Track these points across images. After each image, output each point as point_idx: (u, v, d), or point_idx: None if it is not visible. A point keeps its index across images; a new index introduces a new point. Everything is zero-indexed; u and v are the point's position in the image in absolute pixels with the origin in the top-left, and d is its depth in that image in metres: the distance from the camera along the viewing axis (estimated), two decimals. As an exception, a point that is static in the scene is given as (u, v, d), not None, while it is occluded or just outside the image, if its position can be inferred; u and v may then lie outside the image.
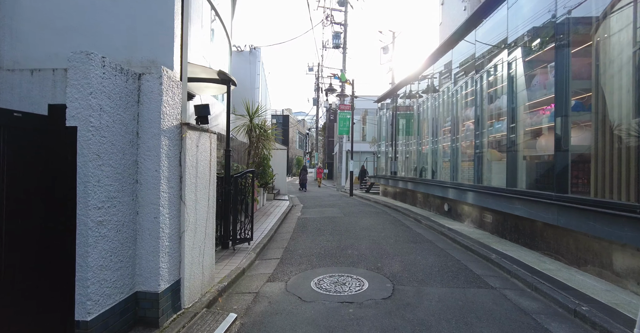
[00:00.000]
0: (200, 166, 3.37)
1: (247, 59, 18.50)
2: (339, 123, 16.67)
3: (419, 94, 11.26)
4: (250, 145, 8.95)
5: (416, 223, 8.38)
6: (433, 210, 9.73)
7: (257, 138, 9.21)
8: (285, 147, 15.68)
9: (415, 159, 11.31)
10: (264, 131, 9.23)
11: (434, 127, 9.81)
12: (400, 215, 9.70)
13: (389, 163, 14.39)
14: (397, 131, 13.76)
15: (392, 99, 14.37)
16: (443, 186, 8.58)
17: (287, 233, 7.01)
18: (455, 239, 6.29)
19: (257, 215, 8.93)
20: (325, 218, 9.00)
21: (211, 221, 3.67)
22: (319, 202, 13.07)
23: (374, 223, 8.22)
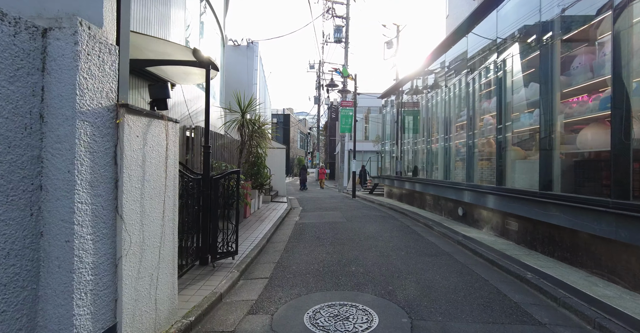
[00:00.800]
0: (149, 166, 2.48)
1: (244, 54, 17.63)
2: (341, 121, 15.76)
3: (427, 88, 10.35)
4: (242, 143, 8.06)
5: (427, 230, 7.47)
6: (445, 214, 8.81)
7: (251, 135, 8.32)
8: (284, 146, 14.80)
9: (424, 158, 10.40)
10: (257, 127, 8.34)
11: (445, 123, 8.89)
12: (408, 220, 8.79)
13: (394, 163, 13.49)
14: (402, 129, 12.85)
15: (397, 95, 13.47)
16: (457, 188, 7.66)
17: (281, 243, 6.11)
18: (476, 251, 5.38)
19: (250, 220, 8.05)
20: (326, 223, 8.10)
21: (170, 238, 2.78)
22: (319, 204, 12.18)
23: (380, 230, 7.32)
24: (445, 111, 8.93)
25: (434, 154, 9.68)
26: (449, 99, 8.68)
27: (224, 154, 8.28)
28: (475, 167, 7.21)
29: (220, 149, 7.95)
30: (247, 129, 8.06)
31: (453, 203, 8.30)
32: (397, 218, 9.00)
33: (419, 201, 10.68)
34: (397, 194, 12.92)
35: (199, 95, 7.38)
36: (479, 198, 6.69)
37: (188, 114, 6.58)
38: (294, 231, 7.22)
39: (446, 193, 8.32)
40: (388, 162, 14.35)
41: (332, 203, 12.80)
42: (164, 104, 2.82)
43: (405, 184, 11.46)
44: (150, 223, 2.48)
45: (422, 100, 10.86)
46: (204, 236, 4.45)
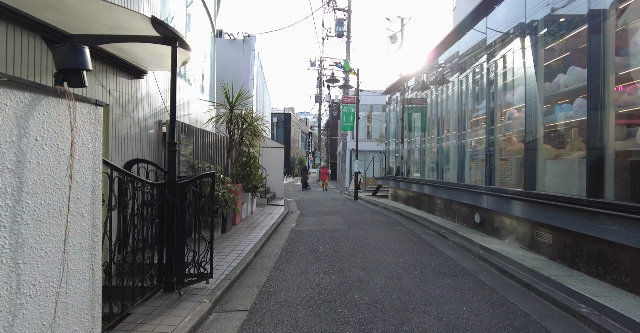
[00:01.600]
0: (35, 169, 1.57)
1: (240, 48, 16.74)
2: (343, 118, 14.84)
3: (436, 81, 9.41)
4: (231, 141, 7.16)
5: (441, 240, 6.54)
6: (458, 221, 7.88)
7: (241, 133, 7.42)
8: (282, 145, 13.91)
9: (433, 158, 9.47)
10: (249, 123, 7.44)
11: (458, 119, 7.96)
12: (417, 227, 7.86)
13: (399, 163, 12.56)
14: (408, 127, 11.92)
15: (402, 91, 12.53)
16: (474, 192, 6.73)
17: (272, 257, 5.21)
18: (504, 269, 4.46)
19: (239, 228, 7.15)
20: (325, 231, 7.19)
21: (82, 277, 1.88)
22: (318, 208, 11.27)
23: (386, 239, 6.40)
24: (458, 106, 8.00)
25: (445, 154, 8.75)
26: (463, 92, 7.75)
27: (211, 153, 7.39)
28: (496, 168, 6.28)
29: (206, 148, 7.05)
30: (236, 125, 7.15)
31: (468, 208, 7.37)
32: (405, 225, 8.07)
33: (428, 205, 9.75)
34: (403, 196, 11.99)
35: (180, 86, 6.48)
36: (502, 203, 5.77)
37: (164, 107, 5.69)
38: (289, 241, 6.32)
39: (460, 197, 7.39)
40: (393, 162, 13.43)
41: (332, 206, 11.89)
42: (78, 79, 1.91)
43: (412, 186, 10.53)
44: (35, 260, 1.57)
45: (431, 95, 9.93)
46: (168, 255, 3.55)
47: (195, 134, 6.50)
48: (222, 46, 16.78)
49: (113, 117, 4.42)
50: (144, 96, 5.18)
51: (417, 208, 10.59)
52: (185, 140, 5.99)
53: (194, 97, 7.10)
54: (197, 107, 7.20)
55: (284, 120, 45.02)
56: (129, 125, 4.81)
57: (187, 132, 6.15)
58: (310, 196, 15.91)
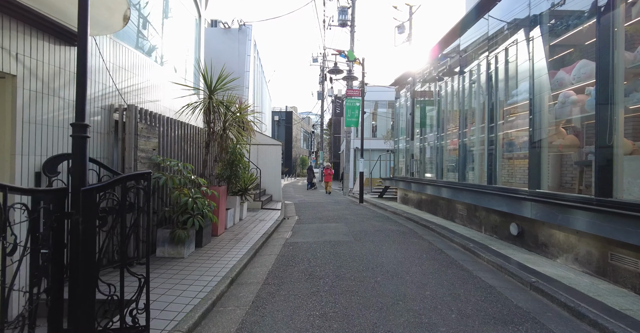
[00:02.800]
0: None
1: (235, 38, 15.46)
2: (346, 113, 13.51)
3: (457, 66, 8.05)
4: (210, 134, 5.85)
5: (471, 258, 5.20)
6: (486, 231, 6.53)
7: (223, 125, 6.12)
8: (279, 142, 12.61)
9: (454, 156, 8.12)
10: (233, 113, 6.13)
11: (487, 109, 6.61)
12: (437, 239, 6.52)
13: (410, 163, 11.21)
14: (421, 122, 10.57)
15: (413, 83, 11.19)
16: (511, 197, 5.38)
17: (252, 286, 3.90)
18: (579, 310, 3.12)
19: (221, 240, 5.85)
20: (325, 244, 5.87)
21: None
22: (319, 212, 9.95)
23: (403, 258, 5.07)
24: (486, 93, 6.64)
25: (468, 151, 7.40)
26: (492, 77, 6.40)
27: (188, 150, 6.09)
28: (543, 167, 4.94)
29: (180, 143, 5.76)
30: (217, 114, 5.85)
31: (500, 216, 6.02)
32: (422, 236, 6.73)
33: (446, 211, 8.41)
34: (415, 200, 10.64)
35: (143, 64, 5.19)
36: (554, 213, 4.42)
37: (115, 88, 4.39)
38: (279, 259, 5.00)
39: (490, 203, 6.04)
40: (402, 161, 12.07)
41: (335, 210, 10.57)
42: None
43: (426, 189, 9.18)
44: None
45: (446, 86, 8.57)
46: (54, 304, 2.24)
47: (164, 125, 5.21)
48: (216, 35, 15.51)
49: (25, 94, 3.13)
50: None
51: (431, 214, 9.24)
52: (147, 131, 4.69)
53: (165, 80, 5.80)
54: (169, 92, 5.90)
55: (285, 118, 43.76)
56: (57, 108, 3.52)
57: (151, 121, 4.85)
58: (311, 199, 14.60)
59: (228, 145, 6.25)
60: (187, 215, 4.78)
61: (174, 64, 6.54)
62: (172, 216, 4.91)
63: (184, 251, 4.75)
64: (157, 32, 5.97)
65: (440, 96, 9.02)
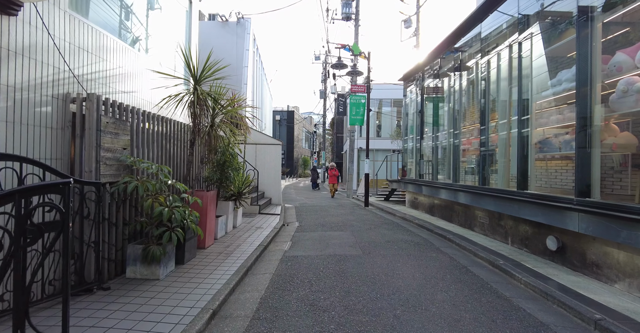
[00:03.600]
0: None
1: (233, 31, 14.65)
2: (351, 110, 12.66)
3: (483, 51, 7.20)
4: (196, 131, 5.02)
5: (504, 279, 4.34)
6: (514, 243, 5.68)
7: (212, 120, 5.29)
8: (279, 141, 11.78)
9: (476, 156, 7.27)
10: (222, 106, 5.30)
11: (520, 101, 5.76)
12: (457, 252, 5.67)
13: (421, 164, 10.35)
14: (434, 120, 9.73)
15: (422, 78, 10.34)
16: (551, 206, 4.53)
17: (240, 321, 3.06)
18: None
19: (208, 254, 5.02)
20: (330, 260, 5.03)
21: None
22: (322, 217, 9.11)
23: (423, 279, 4.22)
24: (515, 84, 5.79)
25: (491, 151, 6.55)
26: (521, 64, 5.54)
27: (171, 149, 5.27)
28: (594, 170, 4.08)
29: (162, 142, 4.94)
30: (204, 108, 5.02)
31: (533, 227, 5.17)
32: (440, 248, 5.88)
33: (463, 218, 7.55)
34: (426, 204, 9.79)
35: (114, 47, 4.37)
36: (616, 228, 3.57)
37: (70, 72, 3.57)
38: (275, 281, 4.17)
39: (521, 211, 5.19)
40: (411, 162, 11.22)
41: (339, 215, 9.72)
42: None
43: (439, 193, 8.33)
44: None
45: (463, 78, 7.72)
46: None
47: (141, 120, 4.38)
48: (213, 29, 14.70)
49: None
50: (23, 48, 3.06)
51: (446, 220, 8.39)
52: (115, 126, 3.87)
53: (143, 68, 4.97)
54: (148, 82, 5.08)
55: (287, 118, 42.97)
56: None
57: (121, 115, 4.03)
58: (312, 202, 13.77)
59: (217, 144, 5.42)
60: (163, 228, 3.96)
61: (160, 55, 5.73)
62: (147, 228, 4.09)
63: (159, 271, 3.92)
64: (137, 18, 5.17)
65: (455, 91, 8.17)
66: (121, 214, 4.03)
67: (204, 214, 5.31)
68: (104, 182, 3.68)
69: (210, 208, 5.45)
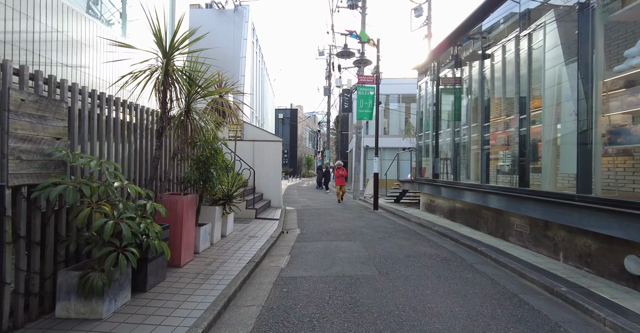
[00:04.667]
0: None
1: (230, 19, 13.57)
2: (358, 103, 11.52)
3: (522, 25, 6.03)
4: (166, 119, 3.91)
5: (577, 317, 3.18)
6: (569, 260, 4.52)
7: (188, 105, 4.18)
8: (280, 138, 10.68)
9: (509, 153, 6.11)
10: (200, 88, 4.18)
11: (579, 78, 4.59)
12: (499, 272, 4.51)
13: (437, 162, 9.19)
14: (455, 113, 8.56)
15: (437, 68, 9.18)
16: (633, 215, 3.37)
17: None
18: None
19: (182, 276, 3.91)
20: (338, 283, 3.91)
21: None
22: (327, 223, 7.98)
23: (465, 317, 3.08)
24: (571, 59, 4.62)
25: (532, 145, 5.39)
26: (585, 33, 4.37)
27: (137, 143, 4.17)
28: None
29: (125, 133, 3.84)
30: (176, 89, 3.91)
31: (601, 242, 4.00)
32: (474, 265, 4.73)
33: (494, 225, 6.39)
34: (445, 208, 8.62)
35: (49, 3, 3.27)
36: None
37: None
38: (264, 318, 3.05)
39: (582, 221, 4.03)
40: (426, 161, 10.05)
41: (345, 219, 8.59)
42: None
43: (463, 195, 7.17)
44: None
45: (497, 59, 6.56)
46: None
47: (92, 103, 3.28)
48: (208, 17, 13.63)
49: None
50: None
51: (470, 227, 7.23)
52: (38, 106, 2.77)
53: (93, 35, 3.87)
54: (101, 55, 3.98)
55: (290, 116, 41.93)
56: None
57: (50, 92, 2.93)
58: (316, 204, 12.65)
59: (195, 136, 4.31)
60: (108, 248, 2.85)
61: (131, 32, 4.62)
62: (87, 248, 3.00)
63: (101, 307, 2.82)
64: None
65: (483, 78, 7.01)
66: (52, 229, 2.93)
67: (178, 223, 4.21)
68: (18, 184, 2.58)
69: (187, 215, 4.35)
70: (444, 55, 8.96)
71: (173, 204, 4.23)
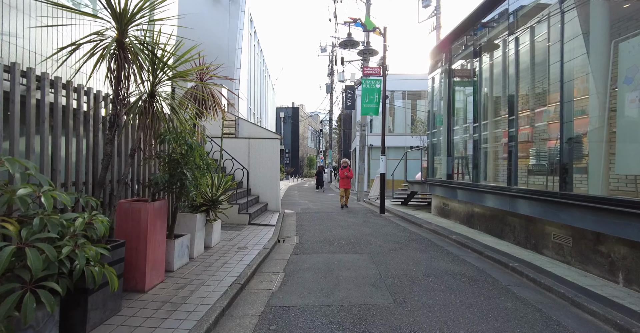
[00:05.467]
0: None
1: (225, 9, 12.69)
2: (363, 97, 10.62)
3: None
4: (120, 105, 3.02)
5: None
6: (631, 283, 3.60)
7: (152, 88, 3.29)
8: (278, 135, 9.79)
9: (549, 150, 5.19)
10: (168, 66, 3.29)
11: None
12: (542, 298, 3.60)
13: (452, 162, 8.27)
14: (475, 107, 7.66)
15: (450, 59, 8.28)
16: None
17: None
18: None
19: (145, 306, 3.02)
20: (343, 315, 3.02)
21: None
22: (329, 230, 7.08)
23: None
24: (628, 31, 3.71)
25: (577, 139, 4.47)
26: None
27: (86, 136, 3.30)
28: None
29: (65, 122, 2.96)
30: (138, 69, 3.03)
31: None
32: (510, 288, 3.82)
33: (523, 235, 5.48)
34: (462, 213, 7.71)
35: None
36: None
37: None
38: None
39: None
40: (439, 160, 9.13)
41: (350, 225, 7.69)
42: None
43: (485, 199, 6.26)
44: None
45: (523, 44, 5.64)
46: None
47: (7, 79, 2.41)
48: (202, 6, 12.79)
49: None
50: None
51: (493, 236, 6.32)
52: None
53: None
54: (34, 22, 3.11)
55: (291, 115, 41.06)
56: None
57: None
58: (317, 206, 11.77)
59: (161, 127, 3.42)
60: (10, 284, 1.98)
61: None
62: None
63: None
64: None
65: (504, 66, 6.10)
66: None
67: (141, 237, 3.33)
68: None
69: (154, 227, 3.47)
70: (460, 42, 8.04)
71: (134, 213, 3.36)
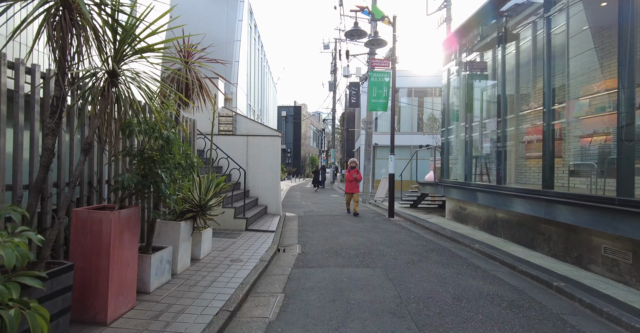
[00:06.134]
0: None
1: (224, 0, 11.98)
2: (370, 92, 9.87)
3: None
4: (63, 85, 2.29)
5: None
6: None
7: (114, 64, 2.56)
8: (278, 132, 9.06)
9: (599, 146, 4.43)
10: (134, 36, 2.55)
11: None
12: (608, 332, 2.86)
13: (466, 161, 7.51)
14: (501, 100, 6.90)
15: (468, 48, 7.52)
16: None
17: None
18: None
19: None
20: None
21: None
22: (335, 237, 6.34)
23: None
24: None
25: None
26: None
27: (27, 125, 2.57)
28: None
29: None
30: (89, 38, 2.30)
31: None
32: (562, 317, 3.07)
33: (561, 246, 4.72)
34: (482, 218, 6.95)
35: None
36: None
37: None
38: None
39: None
40: (455, 160, 8.36)
41: (358, 232, 6.95)
42: None
43: (512, 203, 5.51)
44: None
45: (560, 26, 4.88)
46: None
47: None
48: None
49: None
50: None
51: (523, 246, 5.56)
52: None
53: None
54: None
55: (293, 114, 40.37)
56: None
57: None
58: (320, 209, 11.04)
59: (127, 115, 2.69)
60: None
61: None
62: None
63: None
64: None
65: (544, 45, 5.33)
66: None
67: (102, 255, 2.61)
68: None
69: (119, 241, 2.74)
70: (485, 25, 7.28)
71: (94, 225, 2.63)
